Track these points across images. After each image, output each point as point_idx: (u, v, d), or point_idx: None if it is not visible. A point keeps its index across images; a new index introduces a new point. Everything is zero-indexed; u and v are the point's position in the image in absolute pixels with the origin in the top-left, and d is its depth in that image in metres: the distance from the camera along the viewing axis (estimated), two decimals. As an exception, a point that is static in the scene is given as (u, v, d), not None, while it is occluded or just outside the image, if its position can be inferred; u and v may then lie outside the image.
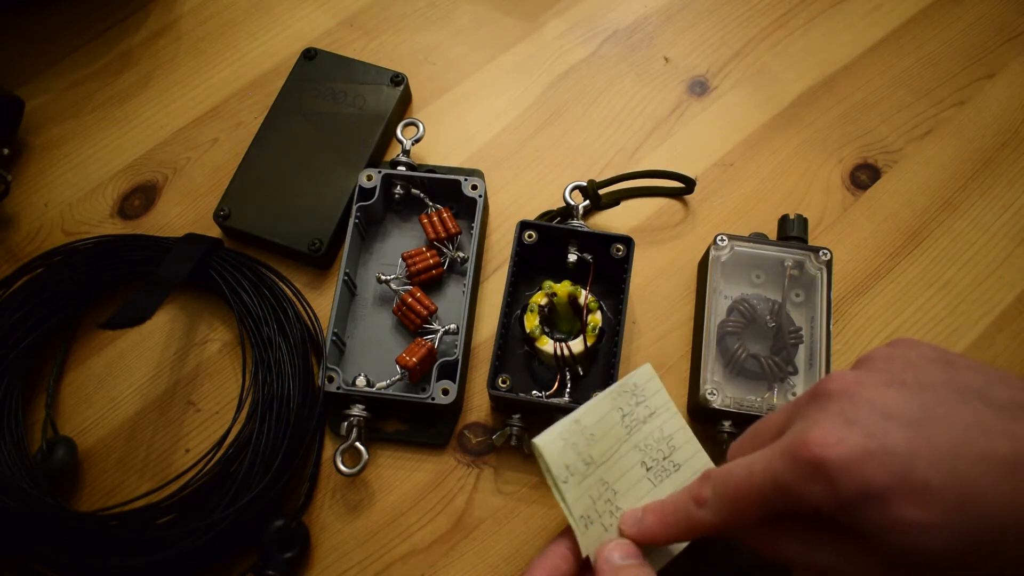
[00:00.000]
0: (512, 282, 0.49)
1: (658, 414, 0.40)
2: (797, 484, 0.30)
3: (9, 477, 0.46)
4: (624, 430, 0.39)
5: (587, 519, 0.37)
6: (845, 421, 0.29)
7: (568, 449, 0.38)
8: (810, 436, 0.30)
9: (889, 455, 0.28)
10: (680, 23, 0.62)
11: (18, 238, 0.56)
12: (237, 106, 0.60)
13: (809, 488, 0.29)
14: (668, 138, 0.58)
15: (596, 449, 0.38)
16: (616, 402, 0.40)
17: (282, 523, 0.46)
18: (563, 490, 0.37)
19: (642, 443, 0.39)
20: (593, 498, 0.38)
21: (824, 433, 0.29)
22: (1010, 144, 0.57)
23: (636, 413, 0.40)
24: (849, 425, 0.29)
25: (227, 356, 0.53)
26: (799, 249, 0.50)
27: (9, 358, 0.49)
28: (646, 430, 0.40)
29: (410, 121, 0.55)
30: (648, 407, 0.40)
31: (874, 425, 0.29)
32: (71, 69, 0.62)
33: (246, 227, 0.54)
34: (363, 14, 0.63)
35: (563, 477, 0.37)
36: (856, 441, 0.29)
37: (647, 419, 0.40)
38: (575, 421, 0.39)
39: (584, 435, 0.38)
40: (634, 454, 0.39)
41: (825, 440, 0.29)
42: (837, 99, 0.59)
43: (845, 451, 0.28)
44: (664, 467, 0.39)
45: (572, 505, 0.37)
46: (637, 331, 0.52)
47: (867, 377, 0.31)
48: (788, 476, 0.30)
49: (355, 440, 0.47)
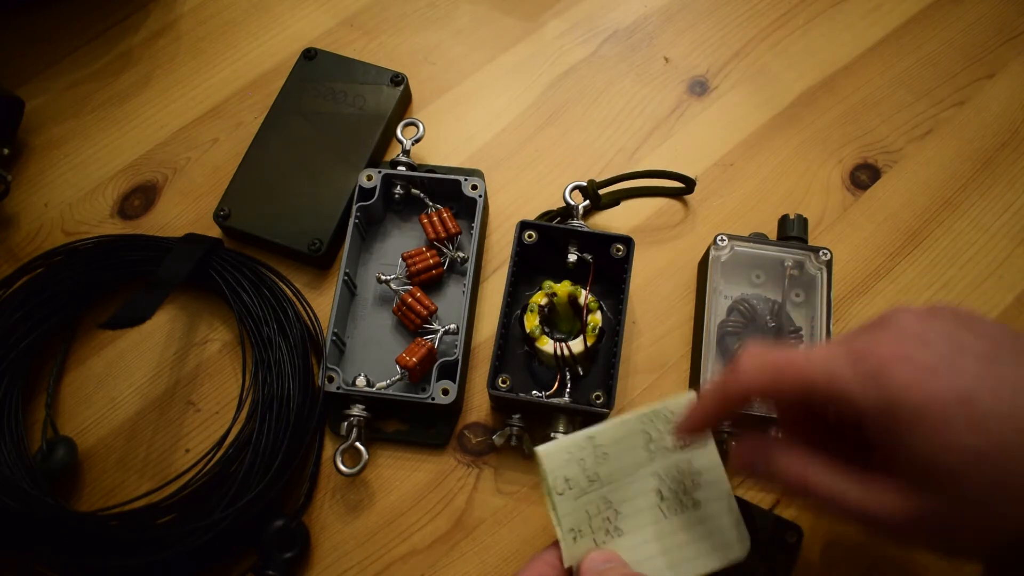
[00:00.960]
0: (512, 282, 0.49)
1: (691, 447, 0.39)
2: (851, 382, 0.30)
3: (9, 477, 0.46)
4: (646, 455, 0.38)
5: (577, 532, 0.37)
6: (919, 341, 0.30)
7: (572, 463, 0.37)
8: (877, 343, 0.30)
9: (957, 376, 0.29)
10: (680, 23, 0.62)
11: (18, 238, 0.56)
12: (237, 106, 0.60)
13: (863, 390, 0.30)
14: (668, 138, 0.58)
15: (606, 468, 0.38)
16: (644, 425, 0.38)
17: (282, 523, 0.46)
18: (556, 502, 0.37)
19: (663, 471, 0.38)
20: (590, 514, 0.37)
21: (894, 345, 0.30)
22: (1010, 144, 0.57)
23: (665, 441, 0.38)
24: (922, 345, 0.30)
25: (227, 356, 0.53)
26: (799, 249, 0.50)
27: (9, 358, 0.49)
28: (672, 459, 0.38)
29: (410, 121, 0.55)
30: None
31: (946, 350, 0.29)
32: (71, 69, 0.62)
33: (246, 227, 0.54)
34: (363, 14, 0.63)
35: (560, 489, 0.37)
36: (926, 358, 0.29)
37: (676, 448, 0.39)
38: (588, 437, 0.38)
39: (595, 453, 0.38)
40: (650, 480, 0.38)
41: (894, 351, 0.30)
42: (837, 99, 0.59)
43: (914, 365, 0.29)
44: (681, 501, 0.38)
45: (562, 517, 0.37)
46: (637, 331, 0.52)
47: (938, 313, 0.32)
48: (845, 371, 0.30)
49: (355, 440, 0.47)
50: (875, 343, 0.31)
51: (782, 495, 0.41)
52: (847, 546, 0.46)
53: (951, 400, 0.28)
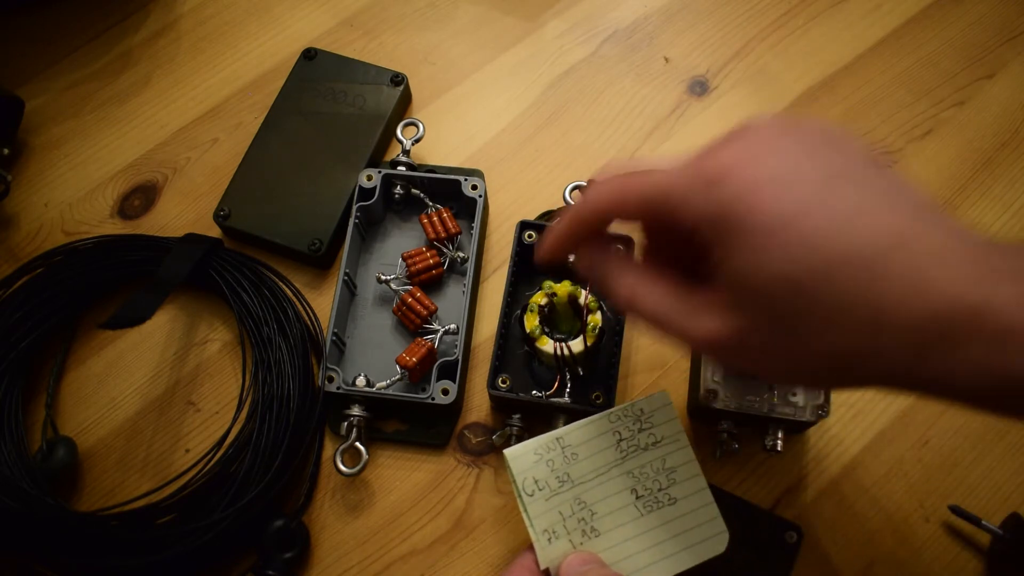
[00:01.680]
0: (512, 282, 0.49)
1: (664, 444, 0.39)
2: (689, 191, 0.29)
3: (9, 477, 0.46)
4: (618, 454, 0.39)
5: (552, 533, 0.37)
6: (769, 149, 0.29)
7: (540, 465, 0.38)
8: (727, 152, 0.29)
9: (795, 190, 0.27)
10: (680, 23, 0.62)
11: (18, 238, 0.56)
12: (237, 106, 0.60)
13: (698, 200, 0.29)
14: (668, 138, 0.58)
15: (577, 469, 0.38)
16: (614, 425, 0.39)
17: (282, 523, 0.46)
18: (526, 503, 0.37)
19: (637, 470, 0.39)
20: (563, 515, 0.38)
21: (743, 152, 0.29)
22: (1010, 144, 0.57)
23: (637, 439, 0.39)
24: (771, 154, 0.28)
25: (227, 356, 0.53)
26: (799, 249, 0.50)
27: (9, 358, 0.49)
28: (645, 458, 0.39)
29: (410, 121, 0.55)
30: (653, 435, 0.39)
31: (795, 161, 0.28)
32: (71, 69, 0.62)
33: (246, 227, 0.54)
34: (363, 14, 0.63)
35: (529, 490, 0.38)
36: (768, 170, 0.28)
37: (649, 447, 0.39)
38: (556, 439, 0.39)
39: (564, 453, 0.38)
40: (624, 479, 0.39)
41: (740, 158, 0.28)
42: (837, 99, 0.59)
43: (753, 175, 0.28)
44: (658, 498, 0.39)
45: (534, 519, 0.37)
46: (637, 331, 0.52)
47: (805, 125, 0.30)
48: (685, 182, 0.29)
49: (355, 440, 0.47)
50: (723, 151, 0.29)
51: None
52: (847, 546, 0.46)
53: (777, 218, 0.27)
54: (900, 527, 0.47)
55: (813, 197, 0.27)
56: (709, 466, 0.49)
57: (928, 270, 0.25)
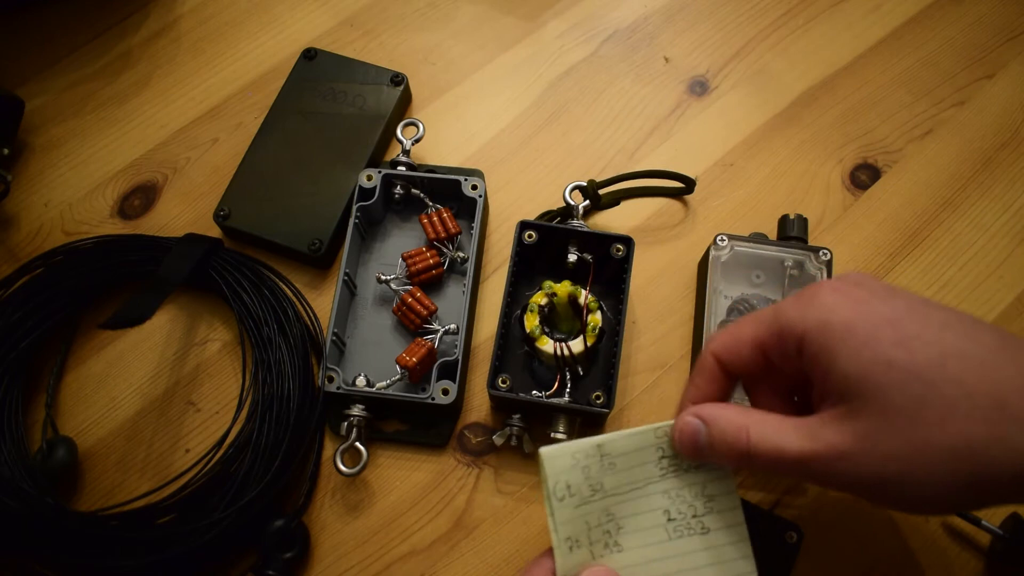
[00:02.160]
0: (512, 282, 0.49)
1: (706, 469, 0.37)
2: (793, 311, 0.33)
3: (9, 477, 0.46)
4: (657, 471, 0.36)
5: (574, 542, 0.35)
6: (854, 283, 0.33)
7: (576, 470, 0.36)
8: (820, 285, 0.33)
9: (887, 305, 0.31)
10: (680, 23, 0.62)
11: (18, 238, 0.56)
12: (237, 106, 0.60)
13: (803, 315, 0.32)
14: (668, 138, 0.58)
15: (612, 480, 0.36)
16: (658, 440, 0.36)
17: (282, 523, 0.46)
18: (555, 507, 0.35)
19: (674, 491, 0.36)
20: (589, 524, 0.36)
21: (834, 283, 0.33)
22: (1010, 144, 0.57)
23: (680, 459, 0.36)
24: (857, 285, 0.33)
25: (227, 356, 0.53)
26: (799, 249, 0.50)
27: (9, 358, 0.49)
28: (685, 480, 0.36)
29: (410, 121, 0.55)
30: None
31: (879, 289, 0.32)
32: (71, 69, 0.62)
33: (246, 227, 0.54)
34: (363, 14, 0.63)
35: (560, 495, 0.35)
36: (859, 293, 0.32)
37: (691, 469, 0.37)
38: (597, 446, 0.36)
39: (602, 462, 0.36)
40: (659, 499, 0.36)
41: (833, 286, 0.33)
42: (837, 99, 0.59)
43: (847, 294, 0.32)
44: (690, 525, 0.36)
45: (560, 524, 0.35)
46: (637, 331, 0.52)
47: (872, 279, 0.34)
48: (789, 307, 0.33)
49: (355, 440, 0.47)
50: (816, 285, 0.34)
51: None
52: (847, 546, 0.46)
53: (879, 320, 0.30)
54: (900, 527, 0.47)
55: (905, 311, 0.31)
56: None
57: None
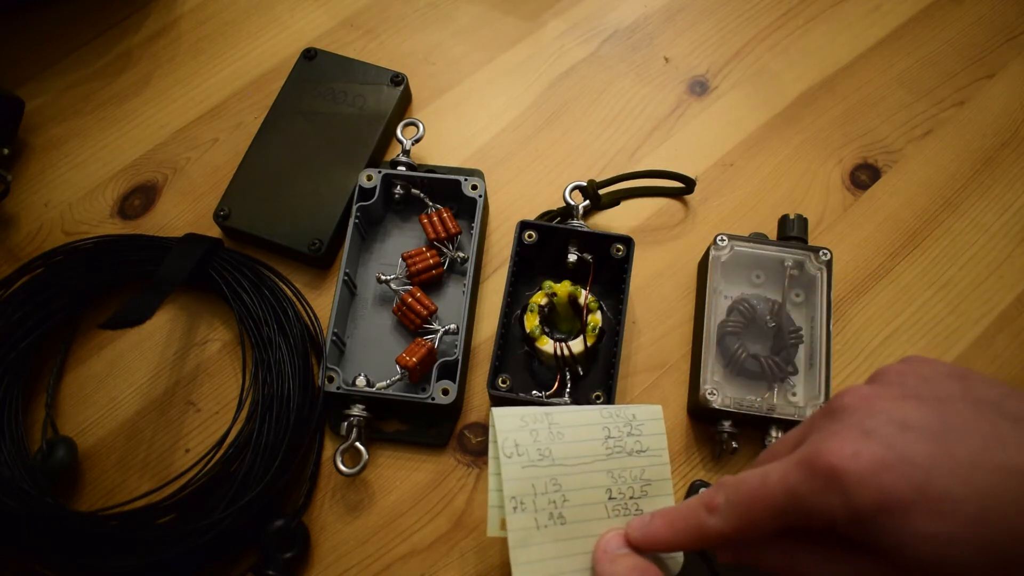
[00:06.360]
0: (512, 282, 0.49)
1: (647, 455, 0.39)
2: (812, 495, 0.29)
3: (9, 477, 0.46)
4: (603, 449, 0.38)
5: (519, 503, 0.36)
6: (862, 432, 0.29)
7: (524, 431, 0.37)
8: (825, 447, 0.29)
9: (908, 466, 0.28)
10: (680, 23, 0.62)
11: (18, 238, 0.56)
12: (237, 106, 0.60)
13: (825, 500, 0.29)
14: (668, 138, 0.58)
15: (561, 449, 0.38)
16: (605, 420, 0.39)
17: (282, 523, 0.46)
18: (503, 463, 0.36)
19: (616, 471, 0.38)
20: (536, 489, 0.37)
21: (841, 444, 0.29)
22: (1010, 144, 0.57)
23: (624, 442, 0.39)
24: (866, 436, 0.29)
25: (227, 356, 0.53)
26: (799, 249, 0.50)
27: (9, 358, 0.49)
28: (627, 462, 0.38)
29: (410, 121, 0.55)
30: (640, 443, 0.39)
31: (892, 436, 0.28)
32: (71, 69, 0.62)
33: (246, 227, 0.54)
34: (363, 14, 0.63)
35: (508, 452, 0.37)
36: (874, 452, 0.28)
37: (633, 453, 0.39)
38: (545, 413, 0.38)
39: (551, 430, 0.38)
40: (603, 477, 0.38)
41: (842, 451, 0.29)
42: (837, 99, 0.59)
43: (863, 462, 0.28)
44: (627, 506, 0.38)
45: (507, 482, 0.36)
46: (637, 331, 0.53)
47: (882, 390, 0.31)
48: (803, 487, 0.29)
49: (355, 440, 0.47)
50: (822, 443, 0.30)
51: None
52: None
53: (907, 494, 0.27)
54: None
55: (930, 462, 0.27)
56: (709, 466, 0.49)
57: None
